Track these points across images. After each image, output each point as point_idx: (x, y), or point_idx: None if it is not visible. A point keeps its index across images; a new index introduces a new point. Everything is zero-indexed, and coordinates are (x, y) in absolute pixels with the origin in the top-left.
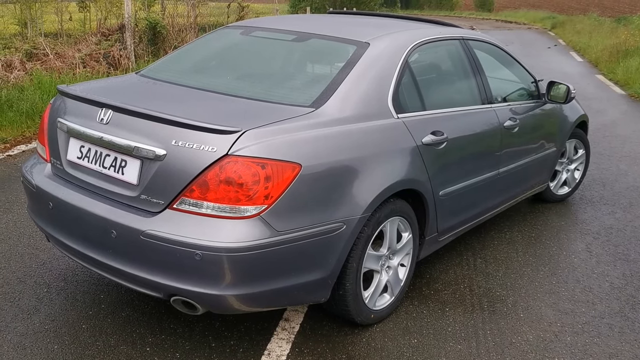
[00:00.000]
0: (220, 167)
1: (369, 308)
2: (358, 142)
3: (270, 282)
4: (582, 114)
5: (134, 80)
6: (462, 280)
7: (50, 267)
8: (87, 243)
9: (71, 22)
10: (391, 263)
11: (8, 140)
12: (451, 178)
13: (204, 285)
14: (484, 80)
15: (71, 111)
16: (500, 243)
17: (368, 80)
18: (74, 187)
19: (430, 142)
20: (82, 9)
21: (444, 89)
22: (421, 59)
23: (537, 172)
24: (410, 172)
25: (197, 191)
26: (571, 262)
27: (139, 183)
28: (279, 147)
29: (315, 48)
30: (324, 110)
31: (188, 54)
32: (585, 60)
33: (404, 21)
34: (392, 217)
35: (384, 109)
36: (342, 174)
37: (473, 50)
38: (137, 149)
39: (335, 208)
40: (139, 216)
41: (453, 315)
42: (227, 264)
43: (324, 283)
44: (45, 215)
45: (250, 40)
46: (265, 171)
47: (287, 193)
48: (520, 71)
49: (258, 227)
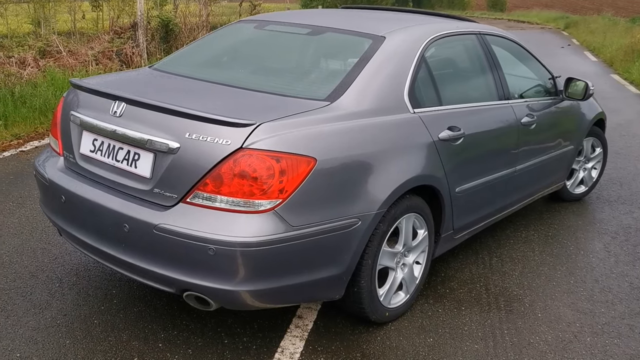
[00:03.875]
0: (235, 161)
1: (383, 306)
2: (374, 136)
3: (284, 278)
4: (600, 112)
5: (147, 74)
6: (477, 279)
7: (62, 262)
8: (100, 237)
9: (84, 21)
10: (406, 260)
11: (21, 136)
12: (467, 175)
13: (217, 280)
14: (501, 76)
15: (84, 104)
16: (516, 242)
17: (384, 74)
18: (86, 181)
19: (446, 138)
20: (94, 8)
21: (460, 83)
22: (438, 53)
23: (554, 170)
24: (426, 168)
25: (211, 185)
26: (589, 261)
27: (152, 176)
28: (293, 141)
29: (330, 42)
30: (339, 104)
31: (201, 48)
32: (599, 60)
33: (420, 15)
34: (408, 213)
35: (400, 104)
36: (357, 169)
37: (490, 45)
38: (151, 141)
39: (351, 203)
40: (152, 210)
41: (469, 314)
42: (241, 259)
43: (339, 280)
44: (57, 209)
45: (264, 34)
46: (280, 165)
47: (302, 187)
48: (537, 67)
49: (272, 222)
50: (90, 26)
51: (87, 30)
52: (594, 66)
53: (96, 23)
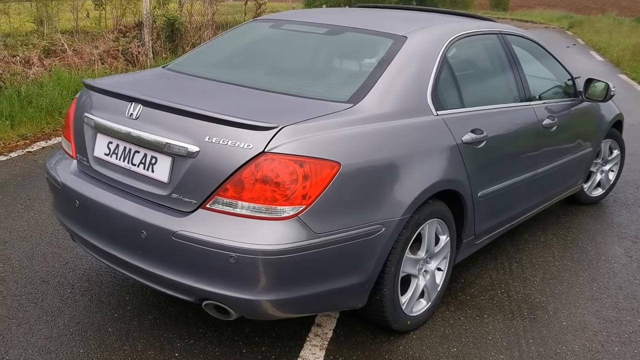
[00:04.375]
0: (256, 165)
1: (405, 314)
2: (398, 139)
3: (307, 286)
4: (618, 113)
5: (161, 74)
6: (498, 285)
7: (73, 267)
8: (115, 243)
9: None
10: (428, 267)
11: (28, 136)
12: (490, 178)
13: (238, 289)
14: (522, 77)
15: (98, 106)
16: (535, 246)
17: (406, 75)
18: (101, 185)
19: (470, 141)
20: (97, 7)
21: (482, 85)
22: (459, 53)
23: (573, 172)
24: (450, 172)
25: (232, 190)
26: (611, 267)
27: (170, 181)
28: (317, 145)
29: (350, 42)
30: (362, 106)
31: (216, 48)
32: (606, 60)
33: (439, 15)
34: (431, 219)
35: (423, 106)
36: (381, 173)
37: (511, 45)
38: (169, 145)
39: (374, 209)
40: (171, 216)
41: (492, 322)
42: (263, 268)
43: (362, 288)
44: (70, 213)
45: (281, 33)
46: (303, 170)
47: (325, 193)
48: (557, 67)
49: (296, 229)
50: (93, 25)
51: (90, 29)
52: (601, 66)
53: (99, 22)
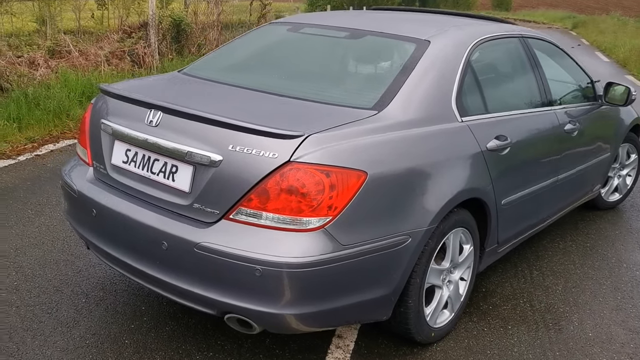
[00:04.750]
0: (282, 175)
1: (429, 326)
2: (424, 147)
3: (332, 300)
4: (636, 117)
5: (178, 79)
6: (520, 295)
7: (87, 275)
8: (134, 254)
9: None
10: (452, 277)
11: (36, 139)
12: (513, 186)
13: (262, 302)
14: (544, 81)
15: (116, 112)
16: (554, 253)
17: (430, 80)
18: (119, 194)
19: (494, 148)
20: (100, 7)
21: (506, 89)
22: (482, 57)
23: (592, 178)
24: (475, 180)
25: (256, 200)
26: (634, 275)
27: (192, 190)
28: (343, 153)
29: (372, 46)
30: (387, 113)
31: (233, 51)
32: (612, 61)
33: (458, 17)
34: (456, 228)
35: (448, 112)
36: (408, 182)
37: (532, 49)
38: (190, 154)
39: (401, 219)
40: (193, 227)
41: (517, 333)
42: (289, 281)
43: (387, 300)
44: (87, 222)
45: (299, 37)
46: (330, 179)
47: (352, 203)
48: (576, 71)
49: (322, 241)
50: (95, 25)
51: (95, 29)
52: (607, 67)
53: (101, 22)
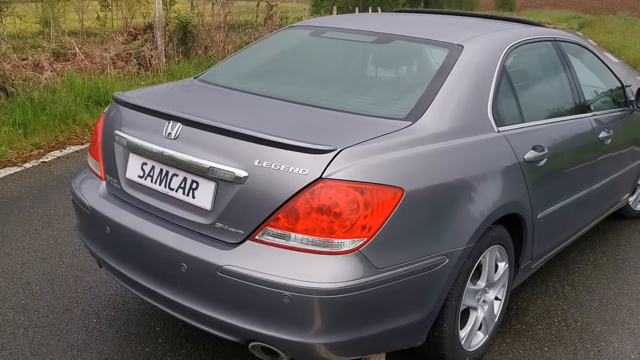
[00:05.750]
0: (312, 193)
1: (464, 350)
2: (461, 161)
3: (365, 327)
4: None
5: (196, 87)
6: (554, 313)
7: (97, 293)
8: (150, 276)
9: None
10: (487, 297)
11: (42, 145)
12: (549, 198)
13: (290, 331)
14: (578, 87)
15: (131, 122)
16: (585, 267)
17: (465, 88)
18: (134, 210)
19: (532, 159)
20: (104, 8)
21: (541, 96)
22: (517, 63)
23: (623, 186)
24: (514, 194)
25: (284, 220)
26: None
27: (214, 209)
28: (379, 169)
29: (401, 51)
30: (421, 124)
31: (252, 57)
32: (622, 62)
33: (487, 20)
34: (492, 245)
35: (485, 122)
36: (445, 199)
37: (566, 53)
38: (213, 169)
39: (439, 239)
40: (215, 248)
41: (555, 356)
42: (320, 308)
43: (422, 325)
44: (99, 240)
45: (323, 41)
46: (365, 197)
47: (388, 223)
48: (608, 75)
49: (356, 265)
50: (99, 26)
51: (99, 31)
52: (618, 68)
53: (104, 23)
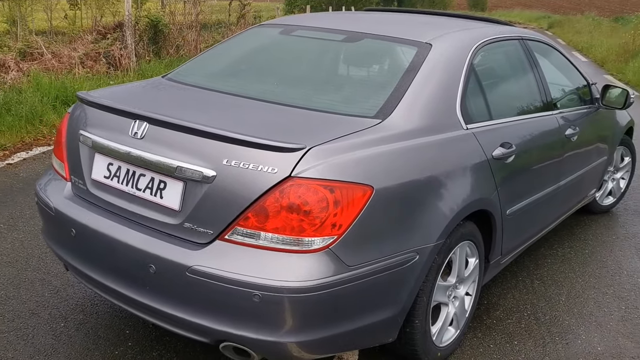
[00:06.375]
0: (281, 192)
1: (436, 345)
2: (430, 158)
3: (337, 325)
4: (630, 120)
5: (163, 85)
6: (524, 307)
7: (65, 296)
8: (118, 278)
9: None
10: (458, 293)
11: (7, 147)
12: (518, 194)
13: (261, 330)
14: (545, 85)
15: (96, 122)
16: (554, 261)
17: (434, 86)
18: (101, 212)
19: (500, 156)
20: (72, 7)
21: (509, 94)
22: (484, 61)
23: (590, 182)
24: (483, 191)
25: (253, 219)
26: (635, 283)
27: (182, 209)
28: (348, 167)
29: (371, 49)
30: (391, 122)
31: (221, 55)
32: (590, 60)
33: (456, 19)
34: (462, 241)
35: (453, 120)
36: (415, 196)
37: (533, 52)
38: (181, 168)
39: (409, 236)
40: (184, 248)
41: (524, 350)
42: (291, 307)
43: (394, 322)
44: (65, 243)
45: (293, 40)
46: (334, 195)
47: (358, 220)
48: (574, 74)
49: (326, 263)
50: (68, 25)
51: (68, 30)
52: (586, 66)
53: (73, 22)
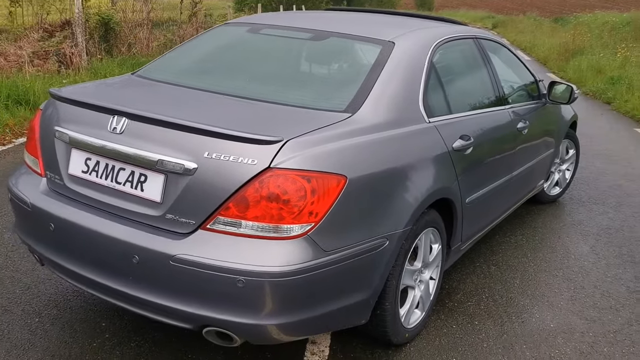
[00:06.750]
0: (261, 182)
1: (404, 327)
2: (397, 149)
3: (314, 308)
4: (574, 114)
5: (135, 82)
6: (482, 290)
7: (36, 292)
8: (100, 269)
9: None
10: (423, 277)
11: None
12: (476, 184)
13: (243, 314)
14: (498, 81)
15: (72, 118)
16: (507, 248)
17: (398, 82)
18: (79, 205)
19: (459, 148)
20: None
21: (465, 89)
22: (442, 58)
23: (539, 173)
24: (444, 180)
25: (234, 209)
26: (582, 266)
27: (163, 200)
28: (323, 158)
29: (337, 47)
30: (360, 115)
31: (190, 53)
32: (533, 59)
33: (413, 19)
34: (427, 228)
35: (417, 113)
36: (384, 185)
37: (486, 50)
38: (162, 162)
39: (379, 223)
40: (167, 238)
41: (484, 328)
42: (271, 290)
43: (366, 304)
44: (43, 237)
45: (261, 38)
46: (311, 185)
47: (333, 208)
48: (523, 71)
49: (305, 248)
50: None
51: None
52: (530, 65)
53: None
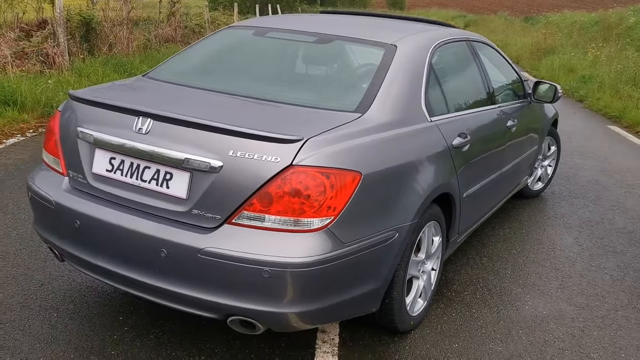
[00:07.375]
0: (283, 179)
1: (409, 315)
2: (404, 147)
3: (332, 296)
4: (555, 112)
5: (150, 84)
6: (476, 280)
7: (51, 289)
8: (127, 264)
9: None
10: (426, 268)
11: None
12: (472, 179)
13: (267, 303)
14: (489, 81)
15: (94, 119)
16: (497, 241)
17: (402, 83)
18: (104, 203)
19: (458, 145)
20: None
21: (461, 90)
22: (440, 60)
23: (525, 169)
24: (446, 176)
25: (258, 204)
26: (568, 256)
27: (189, 197)
28: (340, 156)
29: (342, 50)
30: (369, 115)
31: (197, 56)
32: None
33: (408, 22)
34: (430, 221)
35: (419, 113)
36: (394, 181)
37: (477, 52)
38: (188, 160)
39: (390, 216)
40: (194, 233)
41: (482, 316)
42: (294, 281)
43: (377, 293)
44: (67, 234)
45: (267, 41)
46: (330, 181)
47: (350, 203)
48: (510, 71)
49: (325, 240)
50: None
51: None
52: None
53: None
